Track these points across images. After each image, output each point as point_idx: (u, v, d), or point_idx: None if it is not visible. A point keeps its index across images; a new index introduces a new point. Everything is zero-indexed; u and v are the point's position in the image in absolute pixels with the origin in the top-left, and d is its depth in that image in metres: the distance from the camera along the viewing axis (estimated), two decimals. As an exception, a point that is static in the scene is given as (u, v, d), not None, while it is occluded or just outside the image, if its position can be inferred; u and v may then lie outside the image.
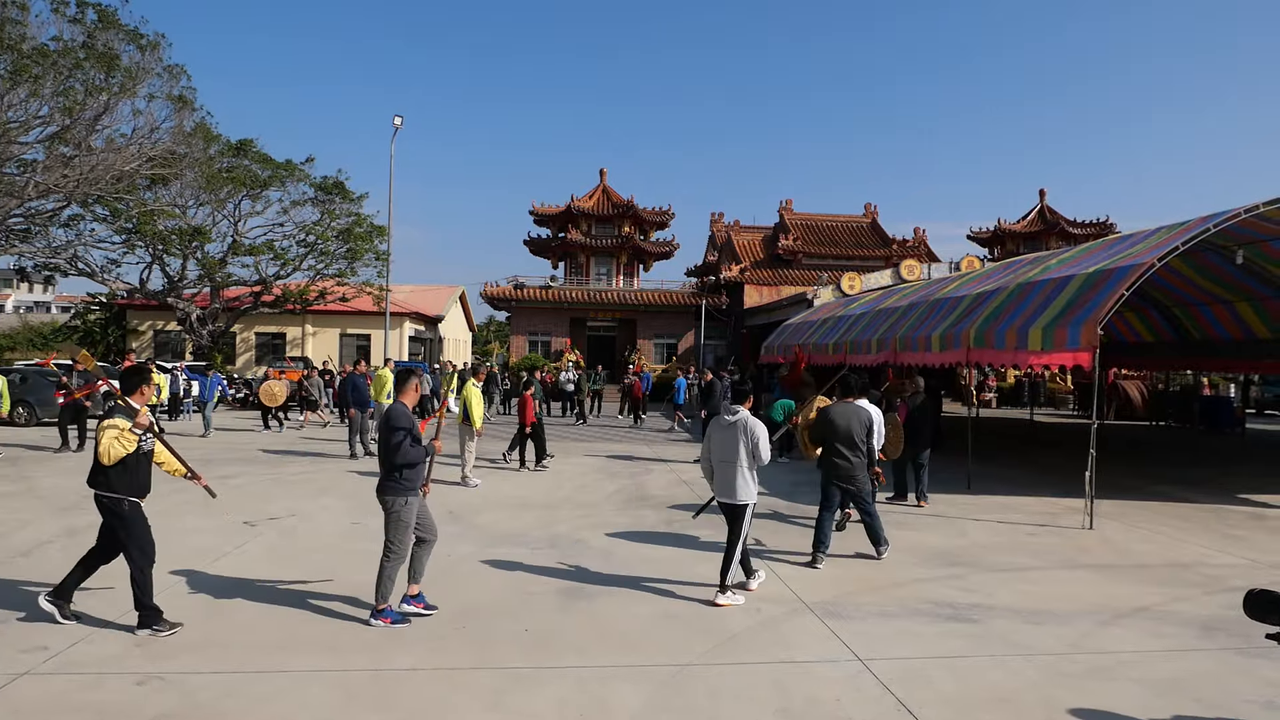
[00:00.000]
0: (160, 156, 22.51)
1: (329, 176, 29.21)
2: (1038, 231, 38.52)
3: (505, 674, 4.63)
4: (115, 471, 5.15)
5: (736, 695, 4.39)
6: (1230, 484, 12.32)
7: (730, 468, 6.04)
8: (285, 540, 7.72)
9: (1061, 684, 4.60)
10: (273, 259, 29.15)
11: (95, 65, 20.11)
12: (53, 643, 4.90)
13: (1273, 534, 8.94)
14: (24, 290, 79.88)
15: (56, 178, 20.21)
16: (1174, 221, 10.92)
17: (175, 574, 6.43)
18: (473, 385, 11.78)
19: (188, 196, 26.53)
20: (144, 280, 28.36)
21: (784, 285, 34.36)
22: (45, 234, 24.74)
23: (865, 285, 27.13)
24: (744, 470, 6.02)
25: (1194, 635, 5.49)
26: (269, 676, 4.51)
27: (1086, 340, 9.10)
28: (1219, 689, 4.55)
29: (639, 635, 5.33)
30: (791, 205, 41.23)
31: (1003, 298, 11.61)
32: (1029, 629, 5.55)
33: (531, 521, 8.88)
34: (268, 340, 33.95)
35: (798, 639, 5.31)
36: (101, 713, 4.04)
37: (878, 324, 15.46)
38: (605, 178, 39.05)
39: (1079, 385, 28.06)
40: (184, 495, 9.96)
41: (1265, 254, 12.63)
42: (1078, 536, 8.58)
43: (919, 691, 4.46)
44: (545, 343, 36.62)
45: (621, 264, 37.99)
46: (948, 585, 6.63)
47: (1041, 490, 11.37)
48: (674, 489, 11.28)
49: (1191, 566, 7.39)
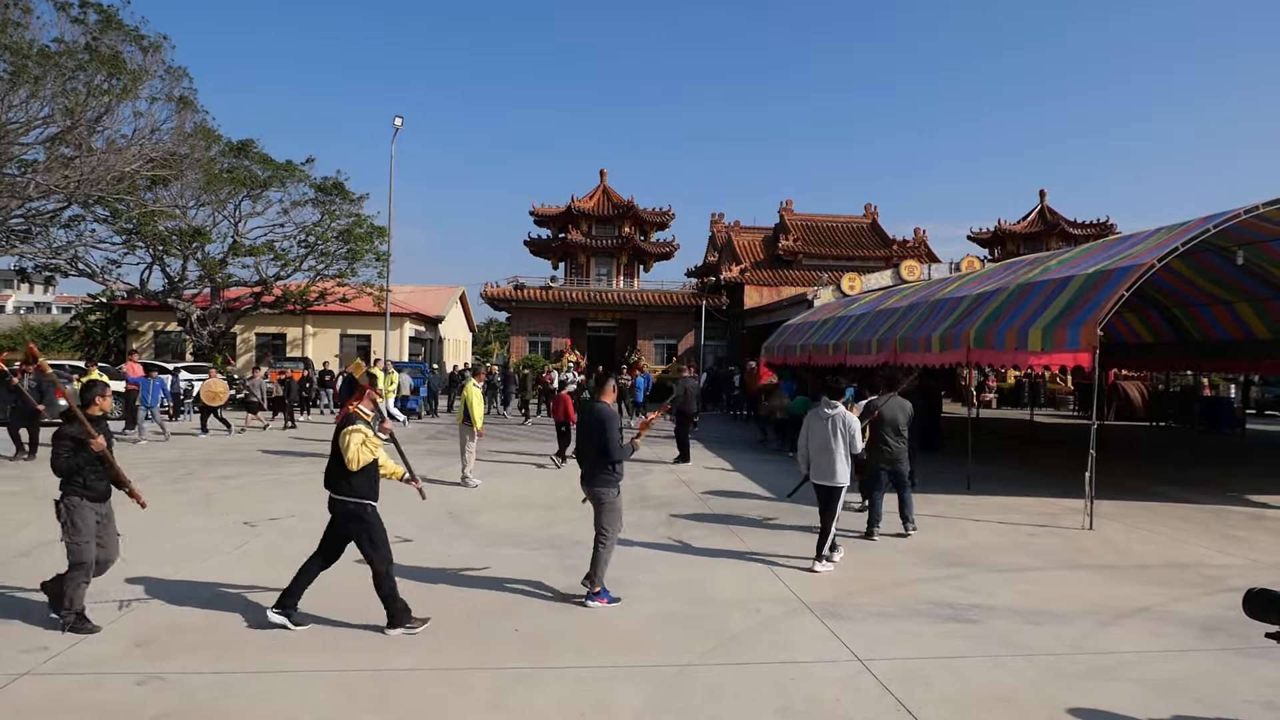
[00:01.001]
0: (161, 157, 22.51)
1: (329, 177, 29.23)
2: (1038, 232, 38.50)
3: (505, 674, 4.64)
4: (359, 476, 5.21)
5: (736, 695, 4.40)
6: (1230, 484, 12.32)
7: (829, 455, 6.98)
8: (285, 540, 7.72)
9: (1061, 684, 4.60)
10: (273, 260, 29.15)
11: (98, 67, 20.12)
12: (53, 643, 4.90)
13: (1273, 534, 8.94)
14: (24, 291, 79.89)
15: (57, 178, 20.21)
16: (1174, 222, 10.93)
17: (175, 574, 6.44)
18: (473, 385, 11.77)
19: (188, 197, 26.54)
20: (144, 281, 28.36)
21: (784, 286, 34.36)
22: (46, 234, 24.74)
23: (865, 286, 27.15)
24: (841, 457, 6.96)
25: (1194, 635, 5.49)
26: (269, 676, 4.51)
27: (1086, 341, 9.11)
28: (1219, 689, 4.55)
29: (639, 635, 5.34)
30: (792, 206, 41.23)
31: (1003, 298, 11.61)
32: (1029, 629, 5.55)
33: (531, 522, 8.88)
34: (268, 341, 33.96)
35: (797, 639, 5.31)
36: (102, 713, 4.04)
37: (878, 324, 15.47)
38: (605, 178, 39.04)
39: (1079, 386, 28.04)
40: (183, 495, 9.98)
41: (1265, 254, 12.64)
42: (1078, 537, 8.58)
43: (918, 692, 4.46)
44: (545, 343, 36.61)
45: (622, 264, 37.98)
46: (948, 585, 6.64)
47: (1041, 491, 11.37)
48: (674, 489, 11.29)
49: (1191, 567, 7.39)
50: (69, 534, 5.14)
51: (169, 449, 14.53)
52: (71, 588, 5.09)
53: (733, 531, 8.55)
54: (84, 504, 5.19)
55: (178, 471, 11.76)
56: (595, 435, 6.01)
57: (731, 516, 9.36)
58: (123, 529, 5.49)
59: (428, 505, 9.49)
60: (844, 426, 6.96)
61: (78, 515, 5.16)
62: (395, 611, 5.21)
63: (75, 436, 5.20)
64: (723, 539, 8.22)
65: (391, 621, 5.20)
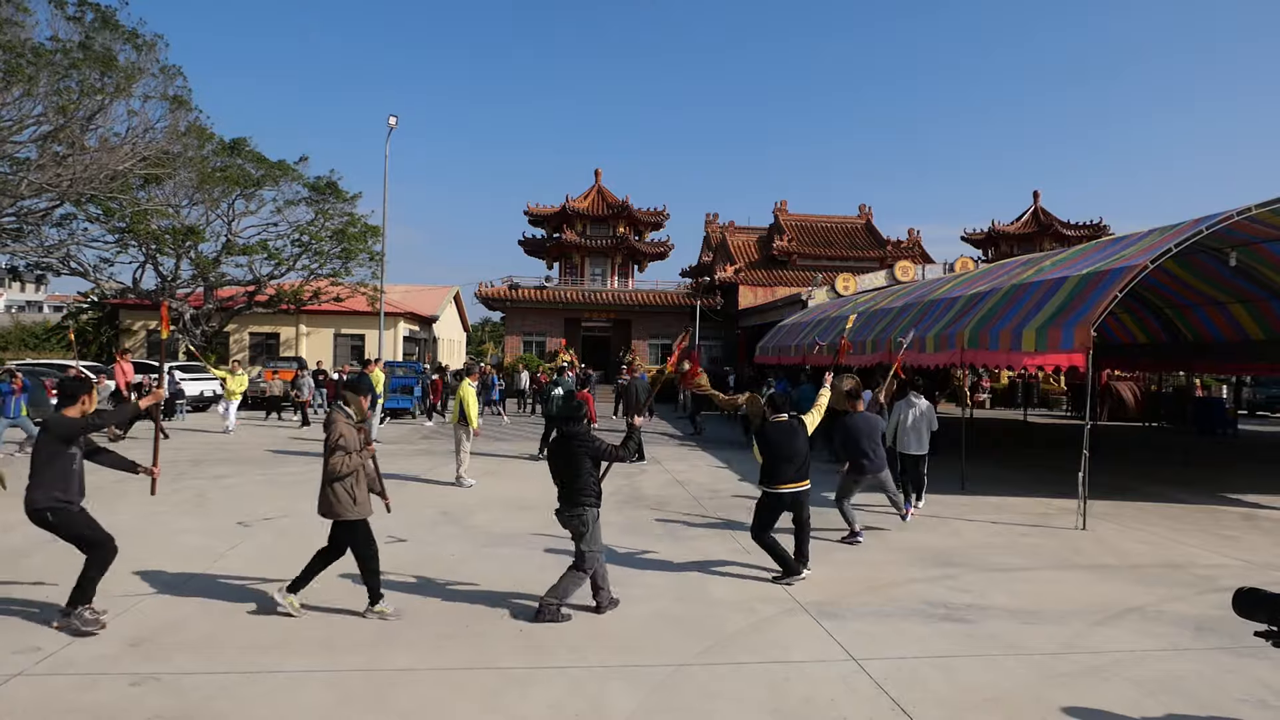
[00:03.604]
0: (154, 156, 22.40)
1: (322, 176, 29.13)
2: (1032, 233, 38.58)
3: (500, 674, 4.63)
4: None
5: (731, 696, 4.40)
6: (1222, 485, 12.38)
7: (919, 433, 9.57)
8: (279, 540, 7.69)
9: (1055, 683, 4.62)
10: (266, 259, 29.05)
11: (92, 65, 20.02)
12: (46, 644, 4.88)
13: (1265, 534, 8.99)
14: (16, 289, 79.50)
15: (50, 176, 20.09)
16: (1167, 223, 10.97)
17: (169, 574, 6.41)
18: (468, 385, 11.76)
19: (181, 196, 26.41)
20: (137, 280, 28.23)
21: (779, 286, 34.41)
22: (38, 233, 24.58)
23: (860, 286, 27.21)
24: (924, 433, 9.62)
25: (1186, 635, 5.51)
26: (264, 676, 4.50)
27: (1080, 341, 9.14)
28: (1211, 688, 4.58)
29: (634, 636, 5.33)
30: (786, 206, 41.27)
31: (997, 299, 11.64)
32: (1023, 629, 5.57)
33: (526, 522, 8.87)
34: (262, 340, 33.84)
35: (792, 639, 5.32)
36: (95, 714, 4.02)
37: (872, 325, 15.50)
38: (600, 178, 39.02)
39: (1072, 386, 28.14)
40: (180, 495, 9.94)
41: (1258, 255, 12.69)
42: (1071, 537, 8.61)
43: (913, 691, 4.47)
44: (540, 343, 36.58)
45: (616, 264, 37.97)
46: (942, 585, 6.65)
47: (1035, 491, 11.41)
48: (668, 489, 11.29)
49: (1184, 567, 7.43)
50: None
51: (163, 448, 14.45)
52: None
53: (727, 531, 8.55)
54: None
55: (169, 472, 11.70)
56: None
57: (726, 516, 9.37)
58: (115, 529, 5.46)
59: (422, 506, 9.50)
60: (926, 415, 9.65)
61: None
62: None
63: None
64: (717, 539, 8.22)
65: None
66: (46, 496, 5.14)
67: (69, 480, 5.23)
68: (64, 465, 5.21)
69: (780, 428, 6.77)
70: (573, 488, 5.66)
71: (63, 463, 5.20)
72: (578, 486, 5.64)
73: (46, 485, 5.14)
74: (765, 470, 6.78)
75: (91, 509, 5.38)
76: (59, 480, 5.18)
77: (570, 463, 5.68)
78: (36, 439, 5.32)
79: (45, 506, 5.14)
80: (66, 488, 5.21)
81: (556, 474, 5.80)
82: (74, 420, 5.26)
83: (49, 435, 5.22)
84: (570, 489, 5.67)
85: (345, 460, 5.31)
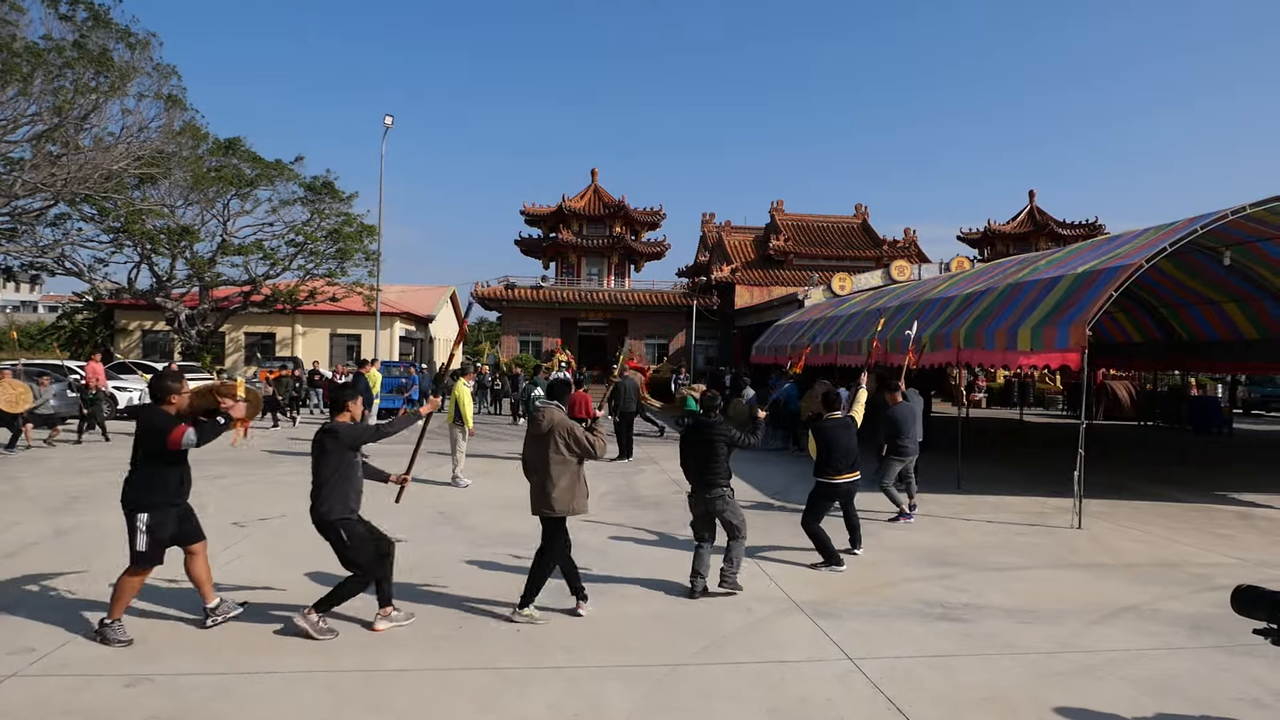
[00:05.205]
0: (149, 156, 22.35)
1: (318, 176, 29.14)
2: (1027, 232, 38.69)
3: (497, 675, 4.63)
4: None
5: (728, 695, 4.40)
6: (1218, 484, 12.41)
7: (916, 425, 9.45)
8: (275, 540, 7.68)
9: (1051, 683, 4.62)
10: (262, 259, 29.03)
11: (86, 64, 19.96)
12: (40, 645, 4.86)
13: (1260, 533, 9.02)
14: (10, 290, 79.17)
15: (44, 176, 20.03)
16: (1162, 222, 11.00)
17: (166, 574, 6.38)
18: (463, 385, 11.76)
19: (176, 195, 26.37)
20: (132, 280, 28.18)
21: (775, 286, 34.41)
22: (32, 233, 24.53)
23: (856, 286, 27.24)
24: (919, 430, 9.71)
25: (1182, 634, 5.53)
26: (260, 677, 4.49)
27: (1075, 340, 9.15)
28: (1207, 687, 4.59)
29: (631, 636, 5.33)
30: (782, 206, 41.25)
31: (992, 298, 11.66)
32: (1019, 628, 5.58)
33: (522, 522, 8.83)
34: (257, 340, 33.81)
35: (789, 639, 5.32)
36: (90, 715, 4.01)
37: (868, 324, 15.50)
38: (596, 178, 38.99)
39: (1068, 385, 28.22)
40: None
41: (1253, 255, 12.73)
42: (1067, 536, 8.63)
43: (909, 691, 4.48)
44: (536, 343, 36.56)
45: (613, 264, 37.96)
46: (938, 585, 6.66)
47: (1031, 490, 11.43)
48: (664, 489, 11.29)
49: (1179, 565, 7.45)
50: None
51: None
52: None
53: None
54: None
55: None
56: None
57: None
58: (111, 530, 5.44)
59: (418, 506, 9.48)
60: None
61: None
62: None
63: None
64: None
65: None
66: (343, 507, 5.12)
67: (358, 489, 5.25)
68: (353, 474, 5.20)
69: (836, 424, 7.35)
70: (711, 472, 6.14)
71: (352, 471, 5.19)
72: (715, 470, 6.13)
73: (340, 495, 5.11)
74: (821, 462, 7.32)
75: (91, 509, 5.35)
76: (352, 491, 5.18)
77: (708, 450, 6.15)
78: (324, 446, 5.16)
79: (339, 518, 5.10)
80: (357, 498, 5.23)
81: (689, 461, 6.29)
82: (365, 428, 5.26)
83: (339, 443, 5.14)
84: (707, 474, 6.15)
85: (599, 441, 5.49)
